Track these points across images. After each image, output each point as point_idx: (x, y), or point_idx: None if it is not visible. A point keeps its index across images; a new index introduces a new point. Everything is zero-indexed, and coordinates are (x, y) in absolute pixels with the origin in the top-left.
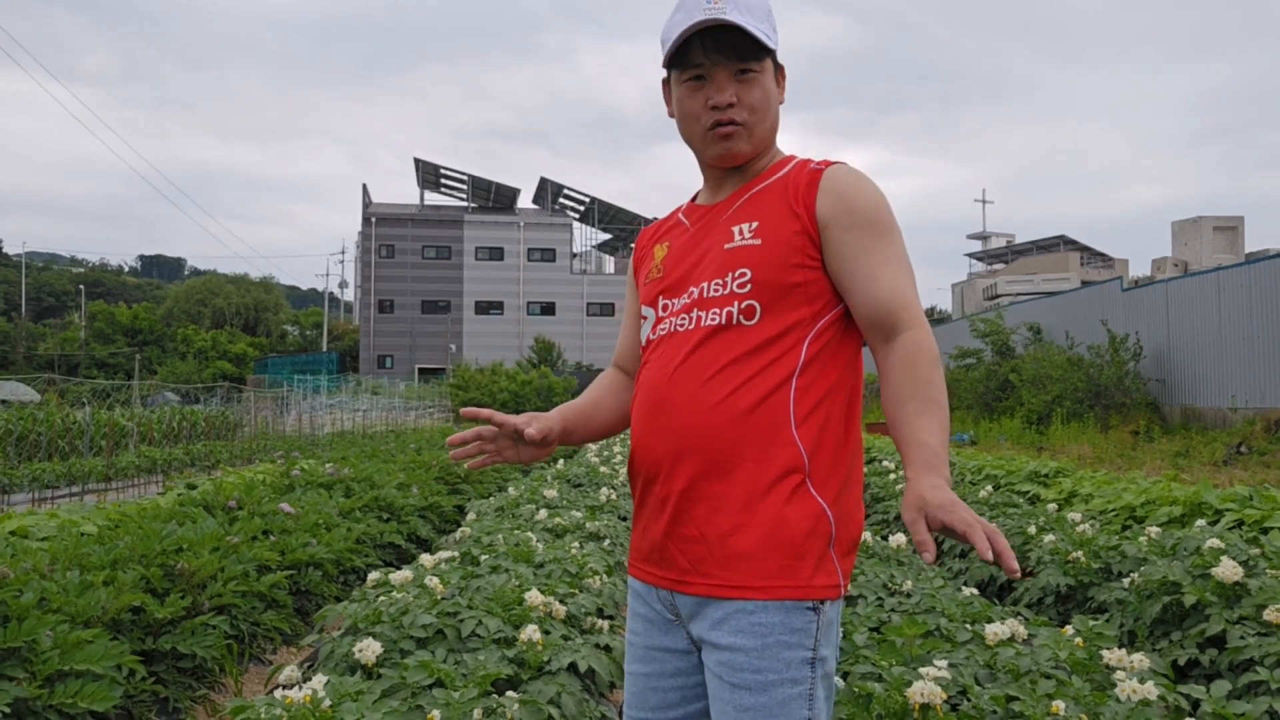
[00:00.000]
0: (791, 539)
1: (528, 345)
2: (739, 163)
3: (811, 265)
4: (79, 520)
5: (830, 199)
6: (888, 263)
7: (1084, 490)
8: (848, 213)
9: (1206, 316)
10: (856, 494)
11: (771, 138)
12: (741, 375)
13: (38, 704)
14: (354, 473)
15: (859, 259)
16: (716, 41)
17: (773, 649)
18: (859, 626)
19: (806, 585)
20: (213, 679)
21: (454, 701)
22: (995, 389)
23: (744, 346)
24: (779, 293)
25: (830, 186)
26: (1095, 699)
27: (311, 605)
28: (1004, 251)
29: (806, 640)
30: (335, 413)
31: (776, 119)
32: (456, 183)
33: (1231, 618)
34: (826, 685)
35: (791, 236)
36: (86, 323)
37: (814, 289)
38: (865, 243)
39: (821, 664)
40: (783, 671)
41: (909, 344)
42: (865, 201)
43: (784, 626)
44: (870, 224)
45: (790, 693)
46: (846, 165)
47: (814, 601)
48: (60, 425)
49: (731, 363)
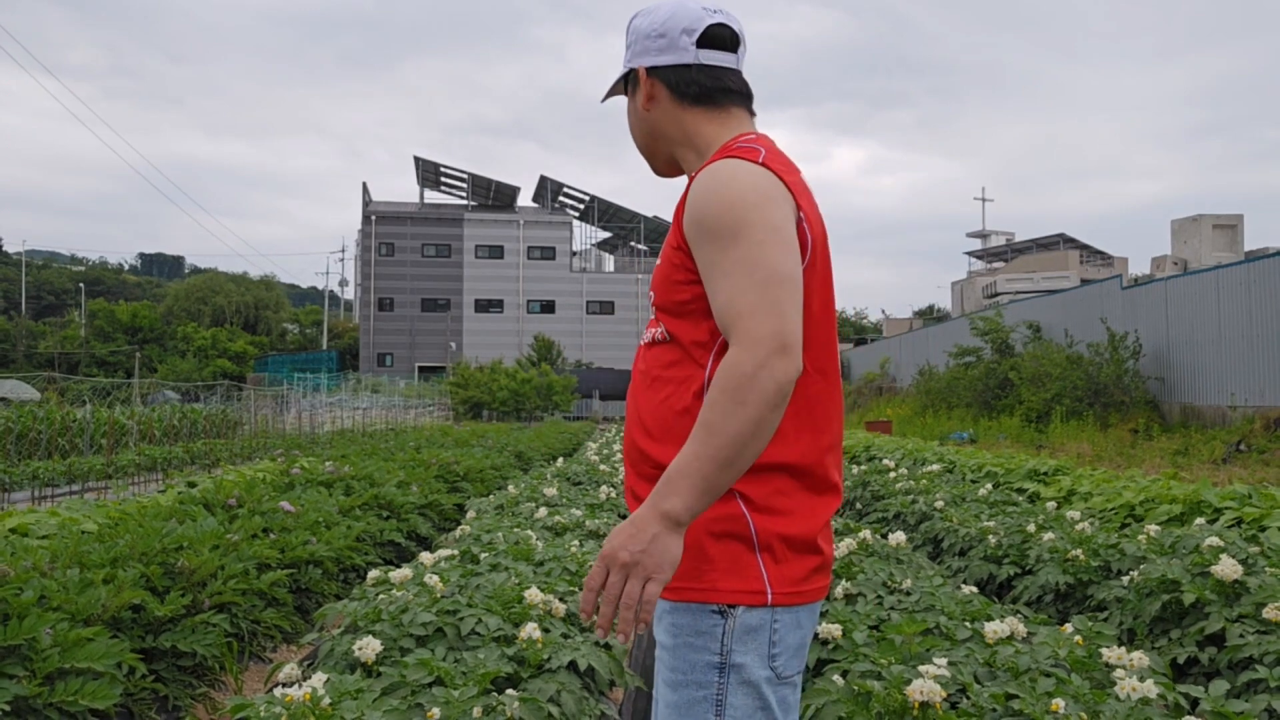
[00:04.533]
0: (699, 541)
1: (527, 343)
2: (669, 177)
3: (695, 280)
4: (79, 518)
5: (687, 214)
6: (725, 275)
7: (1083, 488)
8: (694, 226)
9: (1206, 315)
10: (808, 495)
11: (662, 148)
12: (663, 390)
13: (38, 702)
14: (354, 471)
15: (707, 276)
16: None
17: (681, 650)
18: (858, 624)
19: (711, 589)
20: (213, 677)
21: (454, 700)
22: (994, 387)
23: (663, 362)
24: (675, 310)
25: (689, 200)
26: (1095, 697)
27: (311, 603)
28: (1003, 250)
29: (712, 645)
30: (335, 411)
31: (653, 131)
32: (456, 181)
33: (1231, 616)
34: (750, 694)
35: (672, 253)
36: (86, 321)
37: (703, 304)
38: (709, 257)
39: (736, 671)
40: (688, 673)
41: (720, 366)
42: (706, 212)
43: (690, 629)
44: (711, 235)
45: (695, 695)
46: (709, 169)
47: (720, 605)
48: (60, 423)
49: (655, 378)
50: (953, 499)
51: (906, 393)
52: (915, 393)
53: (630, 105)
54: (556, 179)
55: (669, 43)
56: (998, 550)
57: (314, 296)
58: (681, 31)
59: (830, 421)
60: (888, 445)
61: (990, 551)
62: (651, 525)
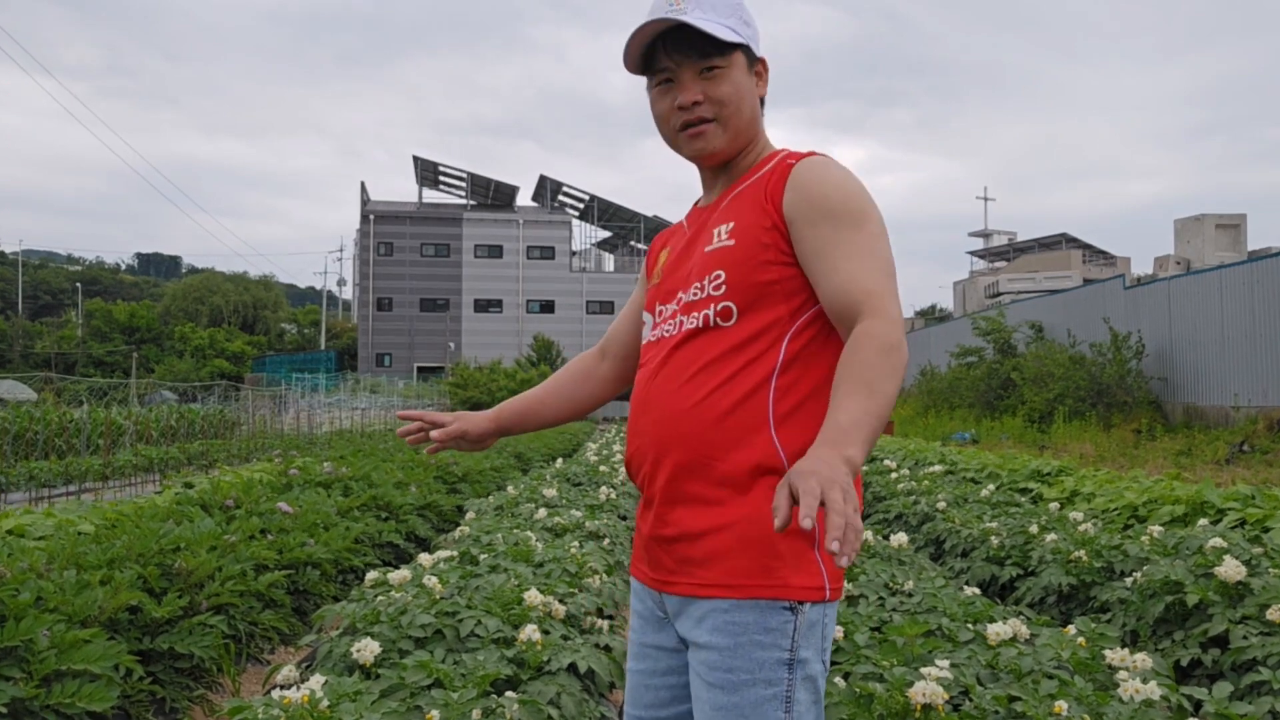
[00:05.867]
0: (767, 537)
1: (527, 343)
2: (716, 161)
3: (784, 262)
4: (76, 519)
5: (796, 193)
6: (851, 255)
7: (1086, 489)
8: (811, 206)
9: (1209, 314)
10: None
11: (750, 132)
12: (719, 376)
13: (35, 704)
14: (352, 471)
15: (822, 253)
16: (678, 43)
17: (746, 648)
18: (860, 626)
19: (783, 585)
20: (210, 679)
21: (453, 702)
22: (997, 387)
23: (721, 347)
24: (753, 292)
25: (797, 180)
26: (1098, 699)
27: (309, 605)
28: (1006, 249)
29: (782, 641)
30: (333, 411)
31: (755, 112)
32: (455, 180)
33: (1234, 617)
34: (810, 689)
35: (761, 234)
36: (83, 321)
37: (789, 285)
38: (828, 236)
39: (801, 666)
40: (755, 672)
41: (859, 331)
42: (828, 193)
43: (758, 626)
44: (834, 217)
45: (764, 694)
46: (820, 157)
47: (791, 602)
48: (57, 424)
49: (709, 364)
50: (955, 500)
51: (908, 393)
52: (917, 393)
53: (745, 78)
54: (556, 178)
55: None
56: (1000, 551)
57: (312, 296)
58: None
59: None
60: (890, 446)
61: (992, 553)
62: (841, 466)
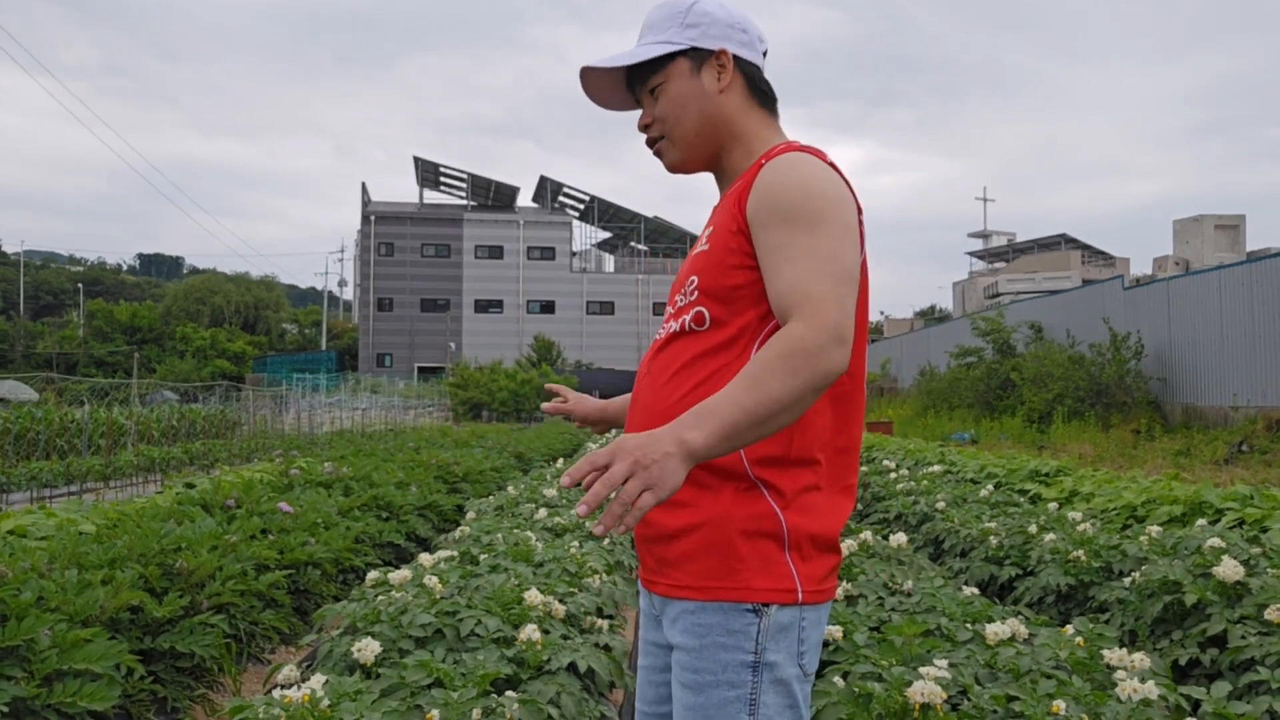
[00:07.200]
0: (730, 539)
1: (527, 344)
2: (687, 171)
3: (750, 265)
4: (77, 519)
5: (756, 195)
6: (796, 258)
7: (1085, 489)
8: (766, 208)
9: (1208, 315)
10: (833, 495)
11: (709, 134)
12: (694, 379)
13: (36, 703)
14: (352, 471)
15: (770, 257)
16: (616, 77)
17: (710, 650)
18: (859, 626)
19: (745, 587)
20: (211, 678)
21: (453, 701)
22: (996, 388)
23: (695, 350)
24: (723, 296)
25: (760, 182)
26: (1096, 699)
27: (310, 604)
28: (1005, 250)
29: (745, 643)
30: (334, 411)
31: (708, 113)
32: (456, 181)
33: (1232, 617)
34: (781, 692)
35: (729, 238)
36: (85, 321)
37: (756, 289)
38: (779, 239)
39: (769, 669)
40: (719, 673)
41: (778, 333)
42: (785, 195)
43: (721, 628)
44: (787, 220)
45: (727, 695)
46: (790, 155)
47: (754, 604)
48: (59, 424)
49: (685, 366)
50: (954, 500)
51: (908, 393)
52: (916, 393)
53: (688, 84)
54: (556, 179)
55: (749, 40)
56: (999, 551)
57: (313, 297)
58: (757, 35)
59: (855, 424)
60: (889, 446)
61: (991, 553)
62: (667, 444)
